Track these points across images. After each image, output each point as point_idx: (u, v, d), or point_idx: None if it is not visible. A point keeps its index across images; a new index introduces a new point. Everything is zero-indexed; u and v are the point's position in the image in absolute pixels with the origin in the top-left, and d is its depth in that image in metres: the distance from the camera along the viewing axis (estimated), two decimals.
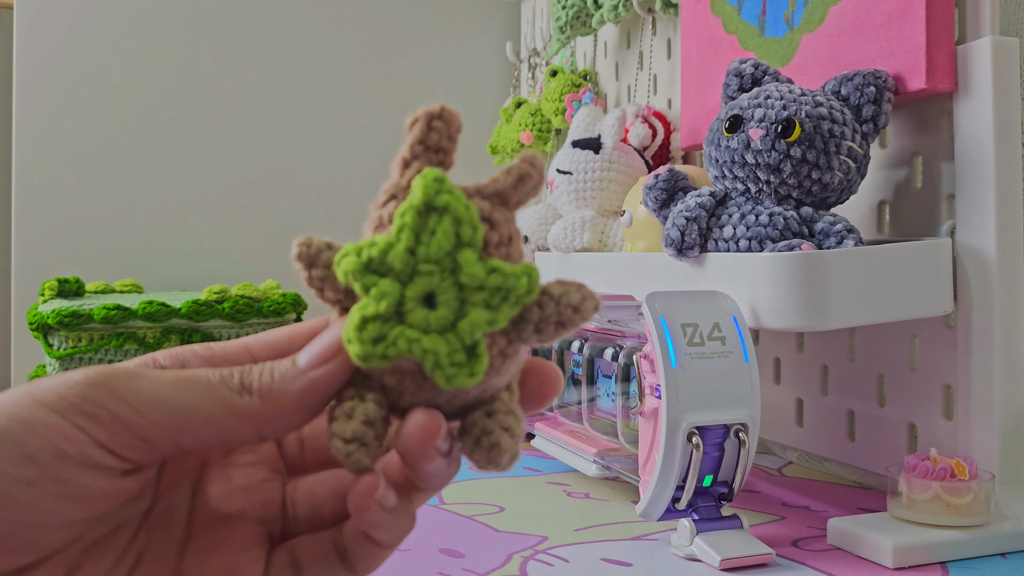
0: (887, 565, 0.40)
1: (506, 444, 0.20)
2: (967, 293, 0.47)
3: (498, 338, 0.20)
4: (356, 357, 0.19)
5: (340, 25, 1.07)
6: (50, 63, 0.96)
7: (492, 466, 0.20)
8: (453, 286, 0.19)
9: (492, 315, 0.19)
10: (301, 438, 0.24)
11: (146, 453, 0.19)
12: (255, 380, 0.20)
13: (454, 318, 0.19)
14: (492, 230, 0.20)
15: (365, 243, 0.20)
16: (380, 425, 0.20)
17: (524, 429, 0.21)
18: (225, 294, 0.77)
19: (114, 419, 0.19)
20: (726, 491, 0.42)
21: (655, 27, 0.78)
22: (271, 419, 0.20)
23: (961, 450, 0.47)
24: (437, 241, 0.19)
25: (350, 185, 1.07)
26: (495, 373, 0.20)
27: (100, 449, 0.19)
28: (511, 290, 0.19)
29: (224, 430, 0.19)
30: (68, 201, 0.96)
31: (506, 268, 0.19)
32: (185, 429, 0.19)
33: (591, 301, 0.20)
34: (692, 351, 0.41)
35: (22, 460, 0.18)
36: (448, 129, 0.21)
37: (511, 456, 0.20)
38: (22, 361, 0.94)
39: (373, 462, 0.19)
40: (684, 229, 0.48)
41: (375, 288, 0.19)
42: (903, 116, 0.52)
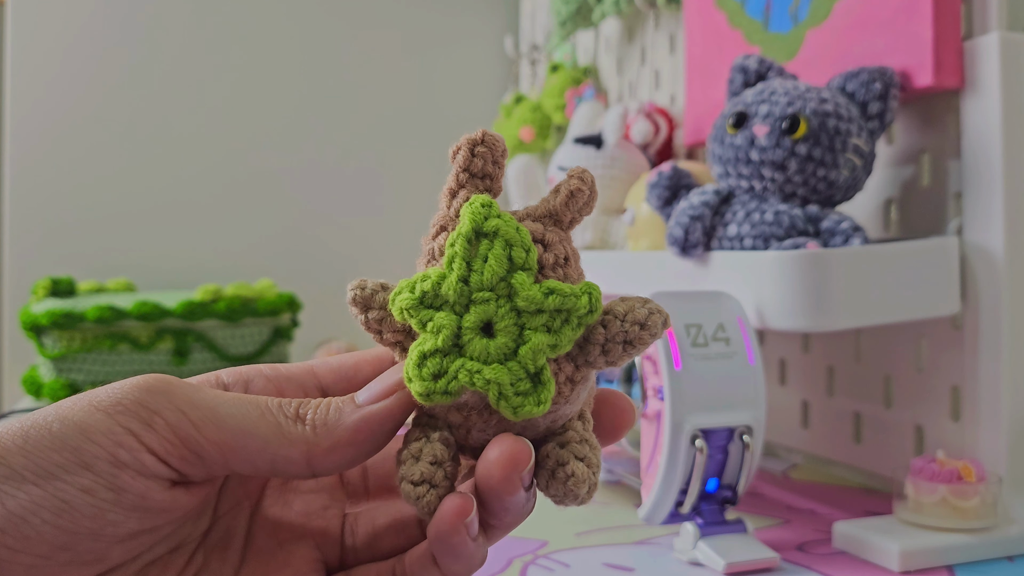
0: (894, 569, 0.39)
1: (582, 474, 0.18)
2: (975, 293, 0.46)
3: (564, 364, 0.19)
4: (418, 396, 0.18)
5: (337, 21, 1.06)
6: (43, 61, 0.95)
7: (570, 499, 0.19)
8: (510, 312, 0.19)
9: (554, 339, 0.18)
10: (364, 466, 0.23)
11: (198, 468, 0.19)
12: (311, 411, 0.20)
13: (515, 345, 0.18)
14: (546, 251, 0.20)
15: (418, 277, 0.19)
16: (449, 465, 0.19)
17: (600, 459, 0.19)
18: (219, 294, 0.77)
19: (168, 428, 0.18)
20: (730, 495, 0.41)
21: (658, 21, 0.77)
22: (322, 451, 0.19)
23: (968, 452, 0.47)
24: (490, 267, 0.19)
25: (346, 183, 1.06)
26: (564, 401, 0.19)
27: (152, 457, 0.18)
28: (572, 311, 0.18)
29: (275, 458, 0.19)
30: (61, 200, 0.96)
31: (564, 288, 0.19)
32: (238, 450, 0.19)
33: (659, 316, 0.19)
34: (696, 352, 0.40)
35: (79, 468, 0.18)
36: (492, 154, 0.21)
37: (589, 487, 0.19)
38: (14, 362, 0.93)
39: (439, 503, 0.19)
40: (688, 227, 0.47)
41: (431, 323, 0.19)
42: (910, 113, 0.52)
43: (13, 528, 0.17)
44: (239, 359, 0.78)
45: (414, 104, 1.07)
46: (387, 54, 1.07)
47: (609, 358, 0.19)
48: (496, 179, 0.21)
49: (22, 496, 0.17)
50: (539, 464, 0.19)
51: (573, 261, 0.20)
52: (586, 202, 0.21)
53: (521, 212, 0.20)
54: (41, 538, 0.17)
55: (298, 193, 1.04)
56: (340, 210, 1.05)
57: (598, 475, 0.19)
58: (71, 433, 0.18)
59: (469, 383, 0.18)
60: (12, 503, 0.17)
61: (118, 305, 0.74)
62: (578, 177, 0.21)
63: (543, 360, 0.18)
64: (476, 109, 1.09)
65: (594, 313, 0.19)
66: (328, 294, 1.00)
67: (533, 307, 0.18)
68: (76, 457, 0.18)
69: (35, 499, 0.17)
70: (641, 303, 0.19)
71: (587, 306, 0.19)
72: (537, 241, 0.20)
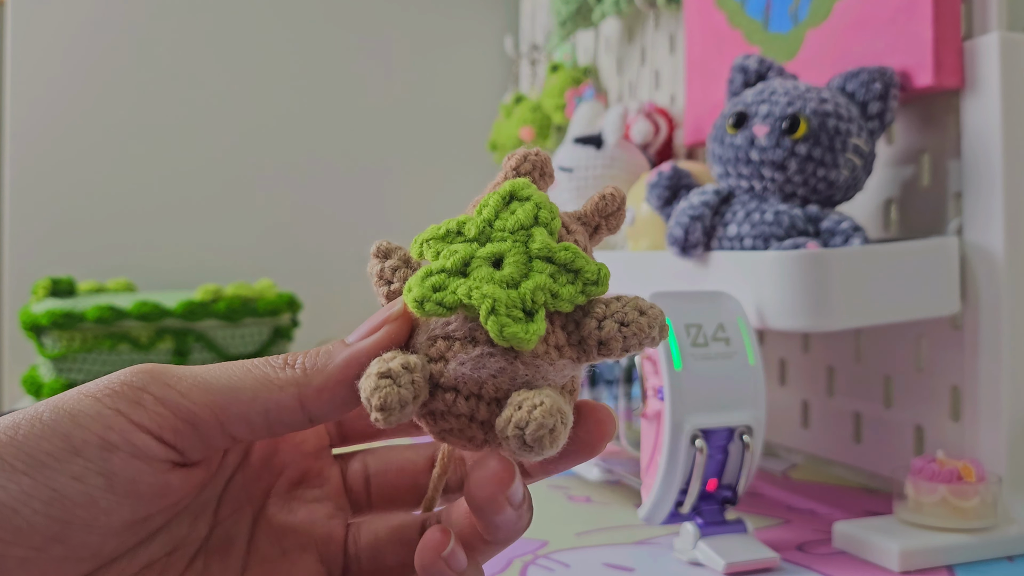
0: (894, 569, 0.39)
1: (551, 406, 0.17)
2: (975, 293, 0.46)
3: (558, 331, 0.19)
4: (413, 303, 0.18)
5: (337, 20, 1.06)
6: (42, 62, 0.95)
7: (533, 430, 0.17)
8: (523, 253, 0.19)
9: (557, 288, 0.18)
10: (367, 474, 0.23)
11: (192, 440, 0.19)
12: (300, 356, 0.20)
13: (519, 279, 0.18)
14: (568, 234, 0.20)
15: (446, 221, 0.20)
16: (419, 378, 0.18)
17: (570, 419, 0.18)
18: (219, 294, 0.77)
19: (157, 402, 0.18)
20: (730, 495, 0.41)
21: (658, 21, 0.77)
22: (314, 391, 0.19)
23: (968, 452, 0.47)
24: (515, 216, 0.19)
25: (347, 183, 1.06)
26: (549, 362, 0.18)
27: (145, 435, 0.18)
28: (579, 272, 0.19)
29: (268, 406, 0.19)
30: (61, 200, 0.96)
31: (578, 249, 0.19)
32: (229, 407, 0.19)
33: (659, 312, 0.19)
34: (696, 352, 0.40)
35: (70, 455, 0.18)
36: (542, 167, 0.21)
37: (554, 426, 0.17)
38: (14, 362, 0.93)
39: (401, 408, 0.17)
40: (688, 227, 0.47)
41: (448, 249, 0.19)
42: (910, 113, 0.52)
43: (4, 520, 0.17)
44: (239, 359, 0.78)
45: (415, 104, 1.07)
46: (388, 54, 1.07)
47: (603, 335, 0.19)
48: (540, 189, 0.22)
49: (12, 487, 0.17)
50: (504, 407, 0.18)
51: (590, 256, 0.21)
52: (614, 212, 0.21)
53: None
54: (33, 529, 0.17)
55: (298, 193, 1.04)
56: (341, 210, 1.05)
57: (565, 428, 0.18)
58: (61, 421, 0.18)
59: (466, 296, 0.18)
60: (2, 494, 0.17)
61: (118, 305, 0.74)
62: (612, 187, 0.22)
63: (541, 300, 0.18)
64: (476, 109, 1.09)
65: (599, 285, 0.19)
66: (328, 294, 1.00)
67: (545, 254, 0.19)
68: (66, 444, 0.18)
69: (26, 489, 0.17)
70: (645, 300, 0.20)
71: (595, 274, 0.19)
72: (564, 226, 0.20)
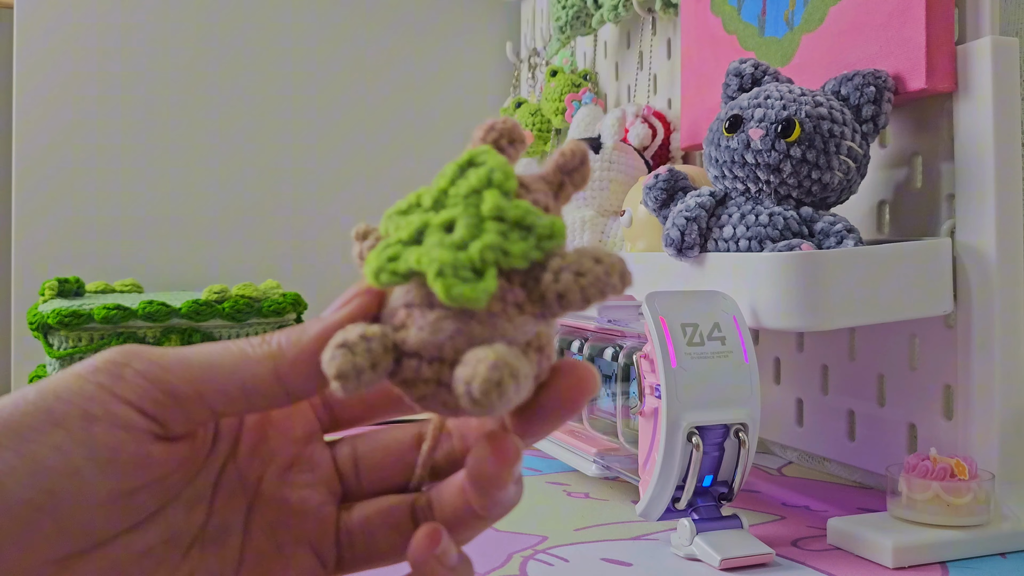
0: (887, 565, 0.40)
1: (498, 359, 0.17)
2: (967, 293, 0.47)
3: (516, 288, 0.18)
4: (370, 275, 0.19)
5: (340, 25, 1.07)
6: (50, 63, 0.96)
7: (480, 384, 0.17)
8: (474, 215, 0.19)
9: (507, 245, 0.18)
10: (356, 457, 0.23)
11: (173, 412, 0.19)
12: (277, 334, 0.21)
13: (469, 240, 0.18)
14: (528, 193, 0.20)
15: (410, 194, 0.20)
16: (377, 346, 0.18)
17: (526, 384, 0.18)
18: (225, 294, 0.77)
19: (137, 374, 0.19)
20: (726, 491, 0.42)
21: (655, 27, 0.78)
22: (289, 363, 0.20)
23: (961, 450, 0.47)
24: (468, 181, 0.19)
25: (350, 184, 1.07)
26: (507, 319, 0.18)
27: (125, 406, 0.19)
28: (532, 228, 0.18)
29: (244, 379, 0.20)
30: (68, 201, 0.96)
31: (529, 206, 0.19)
32: (208, 380, 0.19)
33: (618, 261, 0.18)
34: (692, 351, 0.41)
35: (51, 427, 0.18)
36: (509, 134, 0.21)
37: (501, 379, 0.17)
38: (22, 361, 0.94)
39: (357, 376, 0.18)
40: (684, 229, 0.48)
41: (405, 221, 0.19)
42: (903, 116, 0.52)
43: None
44: None
45: (417, 108, 1.08)
46: (391, 60, 1.08)
47: (560, 287, 0.18)
48: (509, 157, 0.21)
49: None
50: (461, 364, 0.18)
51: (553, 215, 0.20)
52: (576, 167, 0.20)
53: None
54: (20, 502, 0.18)
55: (304, 195, 1.05)
56: (345, 212, 1.05)
57: (515, 384, 0.17)
58: (44, 397, 0.19)
59: (416, 263, 0.18)
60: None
61: (125, 305, 0.75)
62: (574, 143, 0.21)
63: (492, 258, 0.18)
64: (477, 113, 1.10)
65: (553, 239, 0.18)
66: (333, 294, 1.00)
67: (496, 213, 0.19)
68: (48, 417, 0.18)
69: (10, 462, 0.18)
70: (604, 249, 0.19)
71: (548, 228, 0.18)
72: (522, 185, 0.20)
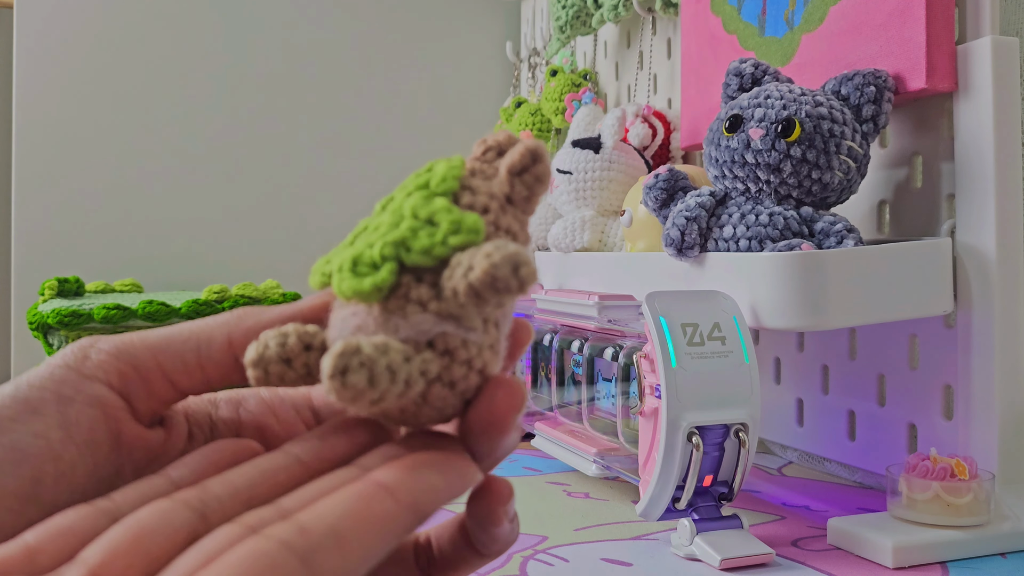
0: (887, 565, 0.39)
1: (332, 360, 0.16)
2: (967, 293, 0.47)
3: (424, 286, 0.18)
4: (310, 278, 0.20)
5: (339, 25, 1.07)
6: (50, 63, 0.96)
7: (324, 379, 0.17)
8: (397, 215, 0.19)
9: (410, 240, 0.18)
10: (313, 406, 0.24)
11: (136, 384, 0.20)
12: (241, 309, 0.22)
13: (379, 239, 0.19)
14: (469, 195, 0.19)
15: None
16: (293, 341, 0.19)
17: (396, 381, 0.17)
18: (225, 294, 0.77)
19: (101, 352, 0.20)
20: (726, 491, 0.42)
21: (655, 27, 0.78)
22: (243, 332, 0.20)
23: (961, 450, 0.47)
24: (406, 186, 0.20)
25: (350, 184, 1.07)
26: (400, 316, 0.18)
27: (94, 383, 0.20)
28: (439, 223, 0.18)
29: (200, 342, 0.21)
30: (68, 200, 0.96)
31: (447, 204, 0.18)
32: (166, 350, 0.20)
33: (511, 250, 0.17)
34: (692, 351, 0.41)
35: (29, 415, 0.19)
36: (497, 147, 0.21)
37: (341, 376, 0.16)
38: (22, 361, 0.94)
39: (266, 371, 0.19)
40: (684, 229, 0.48)
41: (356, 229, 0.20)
42: (903, 116, 0.52)
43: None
44: None
45: (417, 108, 1.08)
46: (390, 60, 1.08)
47: (453, 283, 0.17)
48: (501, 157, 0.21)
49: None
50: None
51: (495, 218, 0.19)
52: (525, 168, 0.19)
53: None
54: (7, 492, 0.18)
55: (303, 195, 1.05)
56: (345, 211, 1.05)
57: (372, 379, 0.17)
58: (19, 388, 0.19)
59: (328, 264, 0.19)
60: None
61: (125, 304, 0.75)
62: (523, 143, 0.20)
63: (391, 253, 0.18)
64: (477, 113, 1.10)
65: (460, 234, 0.18)
66: None
67: (411, 212, 0.19)
68: (25, 406, 0.19)
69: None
70: (511, 244, 0.18)
71: (456, 224, 0.18)
72: (465, 188, 0.19)
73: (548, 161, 0.20)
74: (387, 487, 0.17)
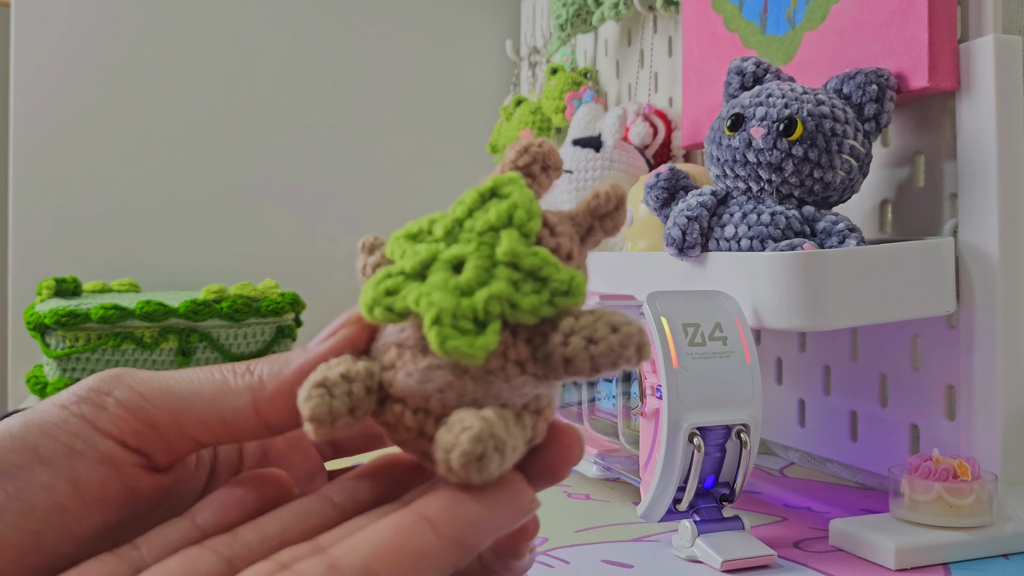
0: (889, 566, 0.39)
1: (479, 431, 0.16)
2: (970, 293, 0.46)
3: (521, 344, 0.17)
4: (364, 307, 0.17)
5: (339, 23, 1.06)
6: (47, 62, 0.96)
7: (458, 456, 0.16)
8: (487, 258, 0.17)
9: (517, 298, 0.17)
10: None
11: (155, 443, 0.19)
12: (260, 363, 0.20)
13: (476, 287, 0.17)
14: (551, 236, 0.18)
15: (423, 218, 0.18)
16: (359, 387, 0.17)
17: (511, 454, 0.17)
18: (223, 293, 0.77)
19: (119, 405, 0.19)
20: (727, 492, 0.42)
21: (656, 25, 0.78)
22: (269, 397, 0.19)
23: (964, 451, 0.47)
24: (487, 216, 0.18)
25: (349, 182, 1.06)
26: (504, 379, 0.17)
27: (108, 440, 0.18)
28: (547, 281, 0.17)
29: (224, 411, 0.19)
30: (65, 200, 0.96)
31: (549, 257, 0.17)
32: (188, 411, 0.19)
33: (637, 332, 0.17)
34: (693, 351, 0.41)
35: (37, 464, 0.18)
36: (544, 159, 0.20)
37: (483, 454, 0.16)
38: (19, 361, 0.94)
39: (332, 420, 0.17)
40: (685, 228, 0.48)
41: (411, 249, 0.18)
42: (905, 115, 0.52)
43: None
44: (243, 358, 0.79)
45: (417, 107, 1.08)
46: (389, 58, 1.08)
47: (568, 352, 0.17)
48: (539, 184, 0.20)
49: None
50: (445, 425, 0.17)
51: (576, 264, 0.18)
52: (610, 213, 0.19)
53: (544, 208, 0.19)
54: (8, 542, 0.17)
55: (302, 194, 1.05)
56: (343, 210, 1.05)
57: (500, 455, 0.16)
58: (30, 432, 0.18)
59: (415, 303, 0.17)
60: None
61: (122, 304, 0.75)
62: (610, 186, 0.19)
63: (496, 310, 0.16)
64: (477, 112, 1.10)
65: (569, 296, 0.17)
66: (331, 294, 1.00)
67: (510, 259, 0.17)
68: (34, 454, 0.18)
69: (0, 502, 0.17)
70: (622, 315, 0.17)
71: (566, 284, 0.17)
72: (546, 225, 0.18)
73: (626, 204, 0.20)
74: (428, 518, 0.16)
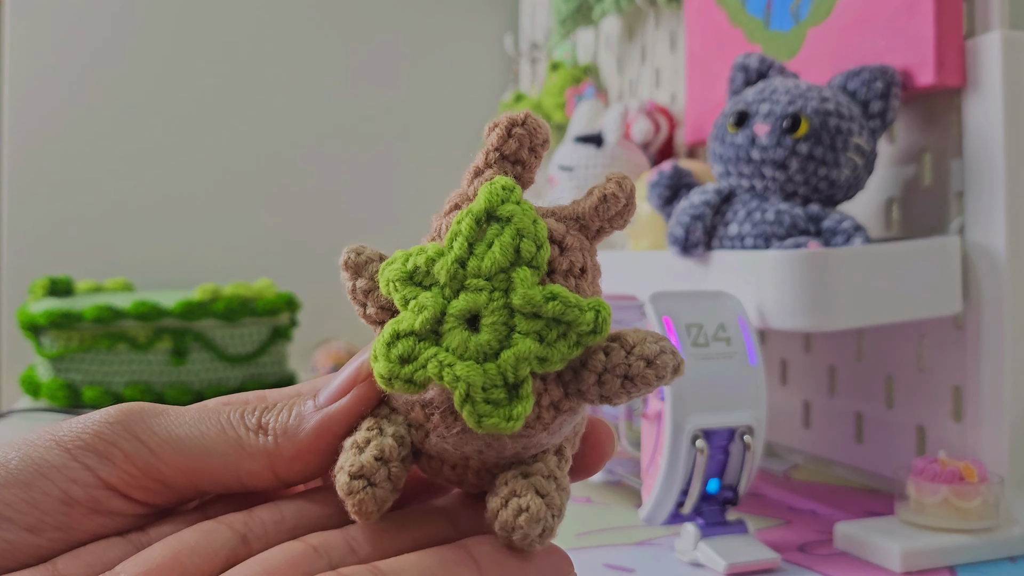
0: (895, 570, 0.39)
1: (537, 512, 0.16)
2: (977, 292, 0.46)
3: (552, 387, 0.16)
4: (379, 378, 0.16)
5: (337, 19, 1.05)
6: (41, 59, 0.95)
7: (518, 536, 0.16)
8: (503, 308, 0.16)
9: (545, 351, 0.16)
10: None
11: (165, 495, 0.18)
12: (272, 419, 0.19)
13: (499, 347, 0.16)
14: (562, 255, 0.17)
15: (415, 250, 0.17)
16: (396, 467, 0.17)
17: (566, 503, 0.17)
18: (218, 293, 0.76)
19: (127, 460, 0.18)
20: (731, 495, 0.41)
21: (658, 20, 0.77)
22: (286, 461, 0.18)
23: (970, 453, 0.47)
24: (492, 255, 0.16)
25: (345, 180, 1.06)
26: (542, 428, 0.16)
27: (109, 492, 0.18)
28: (572, 325, 0.16)
29: (240, 473, 0.18)
30: (58, 199, 0.95)
31: (570, 297, 0.16)
32: (201, 472, 0.18)
33: (671, 358, 0.16)
34: (697, 352, 0.40)
35: (26, 505, 0.17)
36: (531, 139, 0.18)
37: (544, 529, 0.16)
38: (12, 361, 0.93)
39: (380, 508, 0.16)
40: (689, 227, 0.47)
41: (414, 301, 0.16)
42: (911, 112, 0.51)
43: None
44: (238, 359, 0.78)
45: (415, 102, 1.07)
46: (387, 53, 1.07)
47: (604, 391, 0.16)
48: (529, 168, 0.19)
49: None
50: (494, 491, 0.17)
51: (591, 275, 0.18)
52: (619, 212, 0.18)
53: (546, 209, 0.18)
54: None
55: (297, 192, 1.04)
56: (340, 209, 1.04)
57: (558, 520, 0.17)
58: (26, 469, 0.17)
59: (437, 376, 0.16)
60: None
61: (116, 305, 0.74)
62: (616, 182, 0.18)
63: (526, 371, 0.16)
64: (477, 107, 1.09)
65: (598, 334, 0.16)
66: (327, 294, 0.99)
67: (529, 309, 0.16)
68: (26, 494, 0.17)
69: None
70: (655, 339, 0.17)
71: (591, 324, 0.16)
72: (554, 242, 0.17)
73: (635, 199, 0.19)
74: (476, 560, 0.16)
